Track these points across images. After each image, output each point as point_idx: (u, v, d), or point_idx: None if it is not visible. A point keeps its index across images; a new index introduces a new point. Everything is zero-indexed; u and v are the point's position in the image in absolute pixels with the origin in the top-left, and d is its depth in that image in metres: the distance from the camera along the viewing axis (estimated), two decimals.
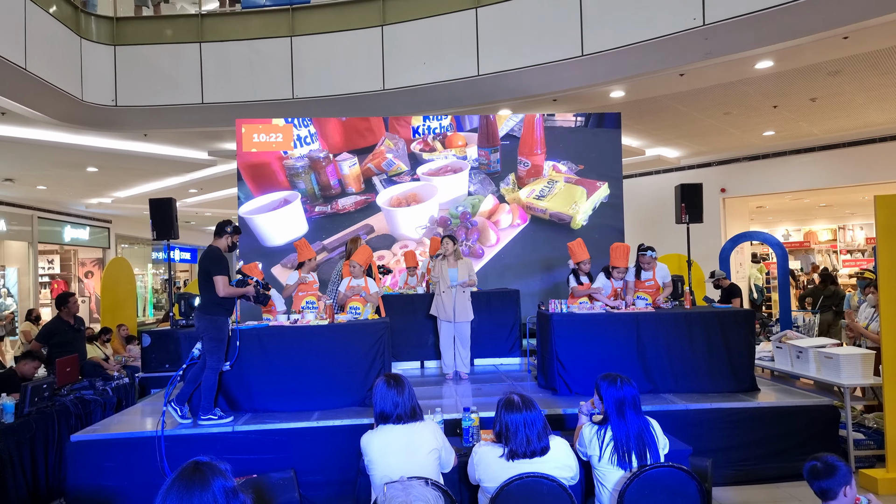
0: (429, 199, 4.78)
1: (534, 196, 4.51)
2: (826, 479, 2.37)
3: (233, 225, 4.68)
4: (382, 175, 4.80)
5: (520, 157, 4.86)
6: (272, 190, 5.78)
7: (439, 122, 5.07)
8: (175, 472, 1.61)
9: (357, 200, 4.85)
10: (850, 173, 10.45)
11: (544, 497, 2.59)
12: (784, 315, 8.02)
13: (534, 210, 4.63)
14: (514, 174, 4.90)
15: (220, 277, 4.40)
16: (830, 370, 4.92)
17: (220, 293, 4.41)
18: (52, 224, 13.81)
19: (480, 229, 4.55)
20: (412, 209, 4.80)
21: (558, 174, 4.99)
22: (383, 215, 4.80)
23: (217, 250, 4.56)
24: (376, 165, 4.85)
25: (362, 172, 4.83)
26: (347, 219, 5.28)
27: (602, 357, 4.91)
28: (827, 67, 6.90)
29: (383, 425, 2.84)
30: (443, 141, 4.92)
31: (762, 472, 4.52)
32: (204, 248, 18.78)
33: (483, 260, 4.82)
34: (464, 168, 4.64)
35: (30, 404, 4.46)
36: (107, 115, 7.38)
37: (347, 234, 5.47)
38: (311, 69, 7.26)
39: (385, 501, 1.72)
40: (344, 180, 5.02)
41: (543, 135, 5.08)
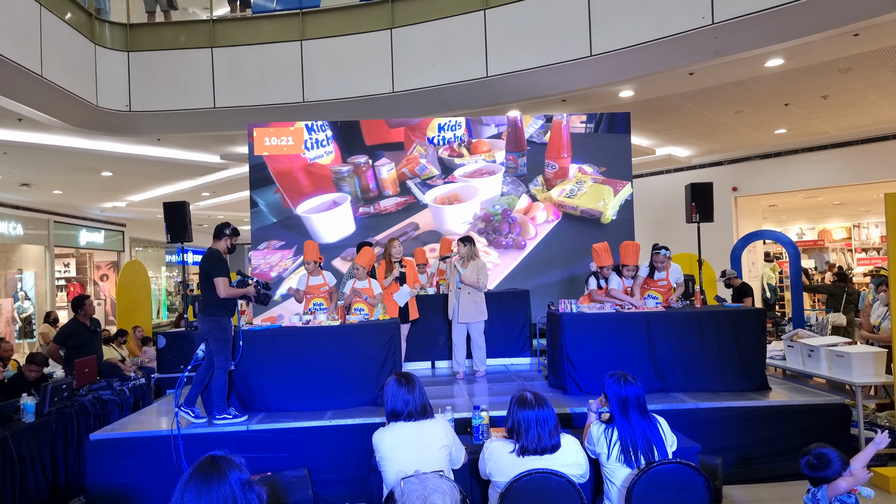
0: (471, 198, 5.21)
1: (564, 195, 4.96)
2: (824, 469, 2.42)
3: (231, 227, 4.74)
4: (416, 179, 5.14)
5: (547, 160, 5.16)
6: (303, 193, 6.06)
7: (453, 132, 5.40)
8: (192, 467, 1.65)
9: (398, 202, 5.25)
10: (864, 170, 10.35)
11: (553, 493, 2.61)
12: (797, 314, 7.96)
13: (565, 207, 5.03)
14: (541, 176, 5.19)
15: (220, 279, 4.46)
16: (842, 368, 4.90)
17: (221, 294, 4.46)
18: (67, 228, 14.03)
19: (521, 224, 4.94)
20: (459, 206, 5.20)
21: (585, 175, 5.34)
22: (429, 213, 5.15)
23: (216, 252, 4.62)
24: (410, 170, 5.21)
25: (398, 176, 5.14)
26: (390, 218, 5.63)
27: (612, 356, 4.92)
28: (838, 64, 6.85)
29: (395, 423, 2.88)
30: (468, 147, 5.26)
31: (773, 470, 4.50)
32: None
33: (525, 251, 5.26)
34: (497, 171, 5.03)
35: (49, 404, 4.55)
36: (121, 120, 7.50)
37: (395, 231, 5.86)
38: (321, 73, 7.34)
39: (402, 495, 1.75)
40: (381, 183, 5.36)
41: (570, 139, 5.35)
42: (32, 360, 5.59)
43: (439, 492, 1.73)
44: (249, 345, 4.85)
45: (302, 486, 4.21)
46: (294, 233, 6.52)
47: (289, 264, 6.53)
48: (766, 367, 5.19)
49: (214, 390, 4.54)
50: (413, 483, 1.77)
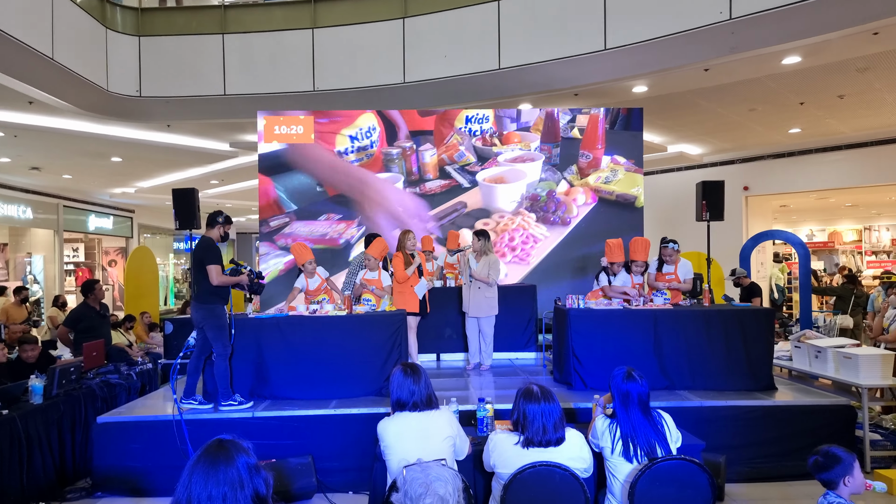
0: (517, 180, 5.75)
1: (601, 181, 5.50)
2: (827, 470, 2.40)
3: (224, 215, 4.74)
4: (454, 165, 5.61)
5: (582, 151, 5.64)
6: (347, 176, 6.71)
7: (480, 125, 5.84)
8: (200, 450, 1.66)
9: (442, 184, 5.83)
10: (878, 172, 10.23)
11: (557, 486, 2.61)
12: (804, 315, 7.91)
13: (601, 192, 5.57)
14: (575, 165, 5.65)
15: (213, 267, 4.49)
16: (849, 370, 4.87)
17: (214, 282, 4.48)
18: (77, 213, 14.11)
19: (565, 203, 5.47)
20: (509, 186, 5.67)
21: (618, 165, 5.81)
22: (477, 193, 5.70)
23: (209, 240, 4.63)
24: (449, 157, 5.73)
25: (438, 162, 5.73)
26: (435, 199, 6.10)
27: (618, 352, 4.90)
28: (856, 64, 6.76)
29: (400, 412, 2.89)
30: (500, 137, 5.71)
31: (777, 469, 4.50)
32: None
33: (569, 227, 5.82)
34: (537, 158, 5.55)
35: (58, 386, 4.59)
36: (131, 105, 7.51)
37: (448, 208, 6.38)
38: (332, 61, 7.31)
39: (405, 483, 1.75)
40: (423, 167, 5.88)
41: (605, 131, 5.83)
42: (25, 342, 5.60)
43: (441, 480, 1.73)
44: (256, 332, 4.87)
45: (306, 474, 4.23)
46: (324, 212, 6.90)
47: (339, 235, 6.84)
48: (772, 367, 5.16)
49: (218, 377, 4.57)
50: (415, 471, 1.77)
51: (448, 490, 1.71)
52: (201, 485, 1.57)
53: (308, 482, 4.23)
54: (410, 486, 1.72)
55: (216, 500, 1.56)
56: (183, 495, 1.57)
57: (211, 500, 1.56)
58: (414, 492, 1.71)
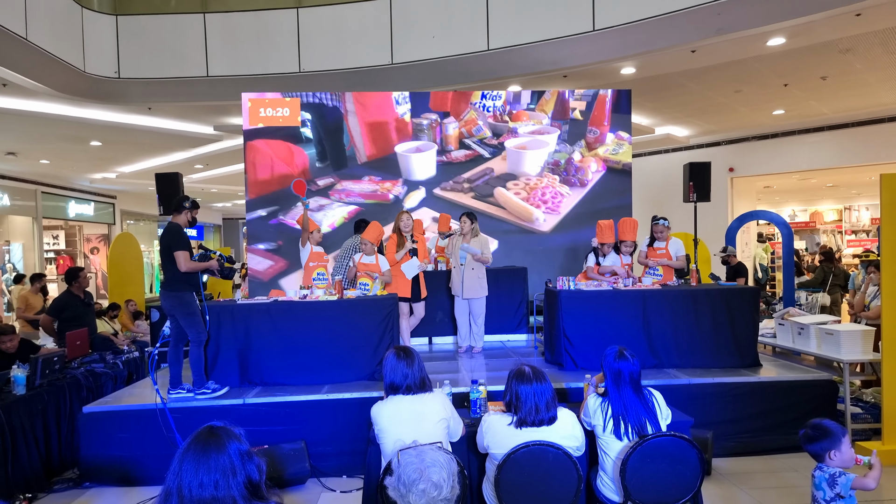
0: (540, 148, 6.47)
1: (609, 153, 6.24)
2: (814, 442, 2.44)
3: (191, 200, 4.66)
4: (473, 138, 6.23)
5: (590, 127, 6.30)
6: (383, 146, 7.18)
7: (493, 102, 6.49)
8: (191, 437, 1.63)
9: (466, 153, 6.45)
10: (859, 153, 10.38)
11: (550, 464, 2.64)
12: (787, 294, 8.04)
13: (610, 162, 6.32)
14: (584, 140, 6.32)
15: (181, 253, 4.42)
16: (831, 346, 4.99)
17: (182, 268, 4.41)
18: (56, 199, 13.81)
19: (582, 167, 6.21)
20: (534, 152, 6.33)
21: (622, 140, 6.51)
22: (503, 160, 6.40)
23: (176, 226, 4.56)
24: (468, 131, 6.36)
25: (458, 135, 6.39)
26: (461, 167, 6.68)
27: (608, 333, 4.96)
28: (839, 45, 6.80)
29: (393, 396, 2.89)
30: (510, 115, 6.33)
31: (762, 443, 4.61)
32: (210, 225, 18.91)
33: (587, 188, 6.53)
34: (552, 132, 6.23)
35: (41, 376, 4.52)
36: (109, 87, 7.32)
37: (478, 172, 6.93)
38: (318, 42, 7.17)
39: (399, 467, 1.75)
40: (445, 139, 6.50)
41: (611, 109, 6.48)
42: (2, 332, 5.48)
43: (436, 465, 1.73)
44: (245, 318, 4.82)
45: (299, 459, 4.24)
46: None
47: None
48: (757, 344, 5.25)
49: (192, 365, 4.52)
50: (410, 455, 1.77)
51: (442, 476, 1.71)
52: (192, 472, 1.55)
53: (301, 467, 4.23)
54: (404, 471, 1.72)
55: (208, 487, 1.54)
56: (174, 483, 1.55)
57: (202, 488, 1.53)
58: (408, 477, 1.70)
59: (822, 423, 2.47)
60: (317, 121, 7.40)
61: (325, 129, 7.43)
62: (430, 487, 1.68)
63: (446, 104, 6.48)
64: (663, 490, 2.72)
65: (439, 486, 1.69)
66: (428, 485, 1.68)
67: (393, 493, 1.73)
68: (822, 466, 2.45)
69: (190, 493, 1.53)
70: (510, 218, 7.13)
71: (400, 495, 1.71)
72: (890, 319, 4.45)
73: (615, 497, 2.83)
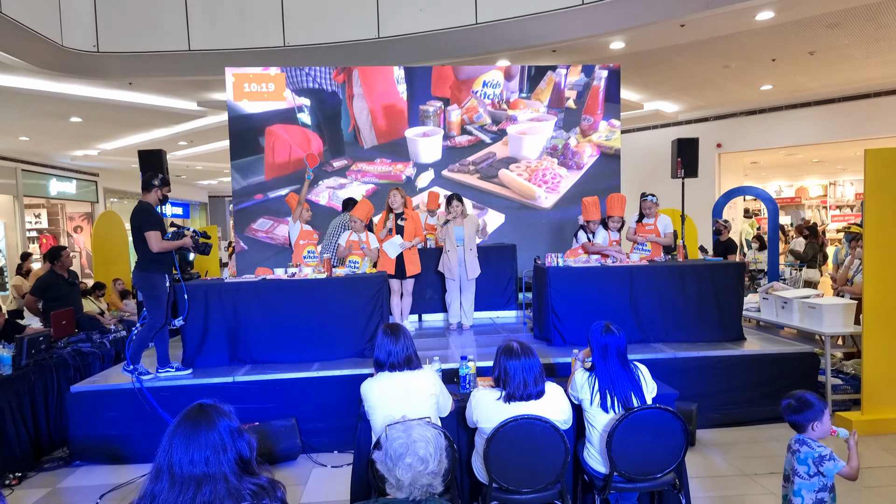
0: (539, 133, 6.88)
1: (602, 139, 6.66)
2: (798, 413, 2.49)
3: (160, 177, 4.56)
4: (474, 125, 6.54)
5: (584, 115, 6.68)
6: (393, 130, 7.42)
7: (493, 90, 6.84)
8: (181, 414, 1.64)
9: (469, 139, 6.78)
10: (845, 128, 10.44)
11: (538, 437, 2.68)
12: (772, 268, 8.15)
13: (604, 148, 6.75)
14: (578, 127, 6.70)
15: (151, 233, 4.33)
16: (813, 319, 5.09)
17: (154, 248, 4.34)
18: (37, 177, 13.54)
19: (578, 152, 6.64)
20: (534, 137, 6.69)
21: (613, 128, 6.92)
22: (505, 145, 6.77)
23: (147, 205, 4.46)
24: (469, 117, 6.69)
25: (460, 121, 6.70)
26: (464, 151, 6.99)
27: (596, 308, 5.01)
28: (826, 20, 6.79)
29: (382, 372, 2.91)
30: (507, 103, 6.70)
31: (745, 415, 4.72)
32: (196, 203, 18.64)
33: (583, 170, 6.96)
34: (550, 119, 6.61)
35: (27, 356, 4.49)
36: (88, 61, 7.12)
37: (482, 156, 7.27)
38: (303, 15, 7.02)
39: (387, 442, 1.77)
40: (448, 125, 6.81)
41: (604, 98, 6.85)
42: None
43: (423, 440, 1.74)
44: (233, 297, 4.81)
45: (290, 436, 4.27)
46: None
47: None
48: (742, 318, 5.33)
49: (136, 341, 4.46)
50: (398, 430, 1.78)
51: (429, 450, 1.73)
52: (182, 450, 1.55)
53: (292, 443, 4.27)
54: (391, 446, 1.74)
55: (198, 464, 1.54)
56: (164, 461, 1.56)
57: (193, 465, 1.54)
58: (394, 451, 1.73)
59: (806, 396, 2.51)
60: (315, 106, 7.45)
61: (323, 114, 7.49)
62: (417, 462, 1.70)
63: (447, 90, 6.75)
64: (648, 461, 2.78)
65: (425, 460, 1.71)
66: (414, 459, 1.70)
67: (381, 466, 1.76)
68: (808, 441, 2.49)
69: (181, 470, 1.54)
70: (514, 196, 7.50)
71: (387, 469, 1.74)
72: (872, 293, 4.53)
73: (602, 468, 2.89)
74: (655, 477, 2.81)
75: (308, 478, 4.02)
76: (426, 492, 1.73)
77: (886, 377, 4.52)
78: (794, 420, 2.51)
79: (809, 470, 2.45)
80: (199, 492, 1.53)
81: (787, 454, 2.55)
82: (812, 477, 2.44)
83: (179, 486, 1.53)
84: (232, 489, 1.56)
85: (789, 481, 2.52)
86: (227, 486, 1.56)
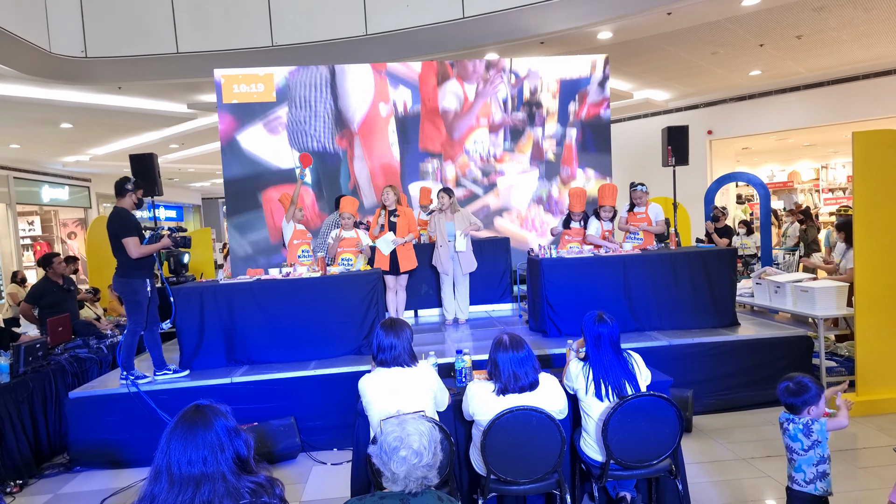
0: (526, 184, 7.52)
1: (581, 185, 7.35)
2: (796, 396, 2.53)
3: (132, 181, 4.51)
4: (467, 178, 7.40)
5: (563, 166, 7.49)
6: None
7: (481, 146, 7.53)
8: (178, 415, 1.65)
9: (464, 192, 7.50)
10: (834, 111, 10.47)
11: (534, 428, 2.70)
12: (765, 253, 8.19)
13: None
14: (558, 177, 7.57)
15: (129, 239, 4.29)
16: (806, 303, 5.12)
17: (134, 255, 4.30)
18: (29, 185, 13.49)
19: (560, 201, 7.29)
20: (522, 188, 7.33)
21: (589, 176, 7.56)
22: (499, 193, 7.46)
23: (123, 211, 4.42)
24: (462, 172, 7.47)
25: (455, 176, 7.53)
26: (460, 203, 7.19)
27: (590, 299, 5.03)
28: (812, 3, 6.80)
29: (380, 368, 2.93)
30: (495, 158, 7.49)
31: (740, 400, 4.76)
32: (189, 205, 18.57)
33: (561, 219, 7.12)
34: (533, 171, 7.40)
35: (24, 364, 4.50)
36: (77, 67, 7.10)
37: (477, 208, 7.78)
38: (290, 14, 7.00)
39: (381, 435, 1.79)
40: (444, 180, 7.55)
41: (578, 150, 7.55)
42: None
43: (417, 433, 1.76)
44: (228, 298, 4.82)
45: (289, 434, 4.29)
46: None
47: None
48: (735, 304, 5.37)
49: (123, 348, 4.46)
50: (392, 424, 1.80)
51: (423, 443, 1.74)
52: (180, 450, 1.57)
53: (292, 442, 4.29)
54: (385, 439, 1.76)
55: (196, 464, 1.56)
56: (163, 462, 1.57)
57: (191, 465, 1.56)
58: (388, 445, 1.74)
59: (804, 380, 2.53)
60: (317, 164, 7.64)
61: (325, 171, 7.71)
62: (411, 455, 1.72)
63: (438, 146, 7.38)
64: (644, 448, 2.81)
65: (419, 453, 1.73)
66: (409, 452, 1.72)
67: (376, 460, 1.78)
68: (794, 418, 2.54)
69: (179, 470, 1.56)
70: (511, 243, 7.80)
71: (382, 463, 1.76)
72: (863, 274, 4.56)
73: (598, 457, 2.92)
74: (651, 464, 2.84)
75: (308, 476, 4.05)
76: (421, 484, 1.74)
77: (880, 358, 4.56)
78: (792, 402, 2.54)
79: (803, 445, 2.49)
80: (198, 491, 1.54)
81: (782, 435, 2.59)
82: (808, 451, 2.49)
83: (178, 487, 1.55)
84: (231, 488, 1.57)
85: (791, 460, 2.56)
86: (226, 485, 1.57)
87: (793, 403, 2.54)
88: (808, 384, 2.52)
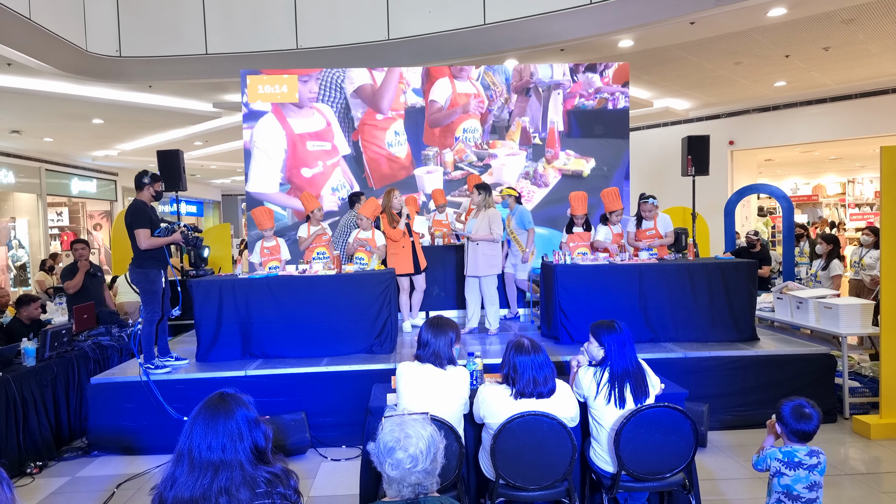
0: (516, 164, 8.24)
1: (562, 164, 8.09)
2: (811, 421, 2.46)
3: (150, 174, 4.66)
4: (463, 162, 8.04)
5: (547, 149, 8.02)
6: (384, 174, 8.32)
7: (473, 135, 8.07)
8: (203, 402, 1.71)
9: (462, 173, 8.03)
10: (862, 125, 10.28)
11: (545, 434, 2.67)
12: (787, 268, 8.06)
13: (563, 171, 8.08)
14: (544, 158, 8.04)
15: (140, 231, 4.44)
16: (829, 320, 5.00)
17: (142, 246, 4.44)
18: (59, 177, 13.87)
19: (544, 174, 8.08)
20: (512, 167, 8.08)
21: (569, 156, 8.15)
22: (492, 172, 8.06)
23: (139, 203, 4.58)
24: (459, 157, 8.05)
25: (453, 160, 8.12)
26: (459, 182, 8.04)
27: (604, 307, 4.99)
28: (841, 15, 6.70)
29: (420, 363, 2.94)
30: (487, 144, 8.06)
31: (758, 417, 4.62)
32: (209, 201, 18.91)
33: (549, 188, 8.12)
34: (521, 153, 8.09)
35: (50, 349, 4.63)
36: (111, 65, 7.31)
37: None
38: (314, 18, 7.12)
39: (380, 432, 1.77)
40: (444, 164, 8.03)
41: (559, 138, 8.05)
42: (24, 301, 5.67)
43: (416, 437, 1.70)
44: (245, 292, 4.90)
45: (300, 429, 4.35)
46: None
47: None
48: (755, 318, 5.27)
49: (142, 338, 4.59)
50: (392, 422, 1.75)
51: (420, 447, 1.67)
52: (201, 435, 1.63)
53: (302, 437, 4.35)
54: (382, 438, 1.73)
55: (215, 450, 1.62)
56: (185, 445, 1.64)
57: (210, 451, 1.62)
58: (384, 444, 1.70)
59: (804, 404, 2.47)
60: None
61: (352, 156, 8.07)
62: (406, 459, 1.67)
63: (435, 140, 8.01)
64: (657, 460, 2.75)
65: (415, 458, 1.67)
66: (404, 455, 1.67)
67: (374, 458, 1.75)
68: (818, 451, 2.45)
69: (199, 454, 1.62)
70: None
71: (378, 462, 1.73)
72: (889, 293, 4.42)
73: (609, 468, 2.87)
74: (664, 477, 2.78)
75: (317, 472, 4.09)
76: (415, 490, 1.69)
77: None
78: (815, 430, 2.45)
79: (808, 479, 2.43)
80: (216, 478, 1.60)
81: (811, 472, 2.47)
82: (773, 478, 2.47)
83: (198, 471, 1.61)
84: (247, 476, 1.63)
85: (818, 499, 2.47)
86: (243, 473, 1.62)
87: (815, 431, 2.44)
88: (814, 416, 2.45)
